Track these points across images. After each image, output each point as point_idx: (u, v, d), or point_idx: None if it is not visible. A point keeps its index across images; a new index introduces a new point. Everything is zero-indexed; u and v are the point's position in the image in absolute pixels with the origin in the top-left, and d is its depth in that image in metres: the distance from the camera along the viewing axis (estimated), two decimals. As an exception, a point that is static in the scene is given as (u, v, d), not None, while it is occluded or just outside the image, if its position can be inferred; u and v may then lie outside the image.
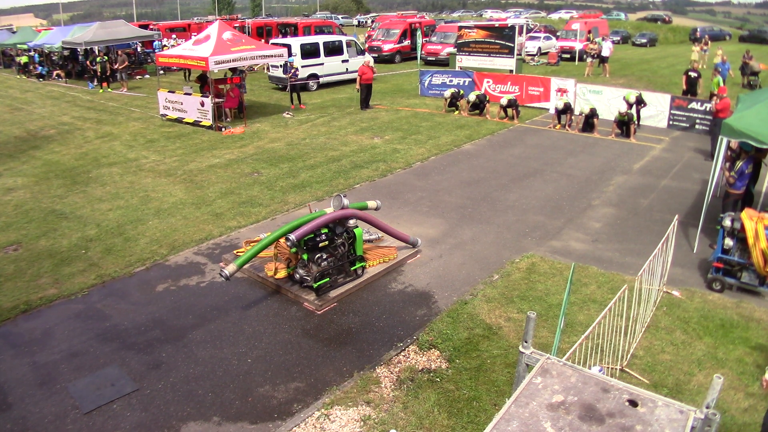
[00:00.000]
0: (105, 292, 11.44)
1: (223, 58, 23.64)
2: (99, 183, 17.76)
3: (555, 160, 18.69)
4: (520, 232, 13.50)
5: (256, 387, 8.56)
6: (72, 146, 22.77)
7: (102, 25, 40.60)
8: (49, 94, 37.48)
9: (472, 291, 10.92)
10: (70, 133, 25.21)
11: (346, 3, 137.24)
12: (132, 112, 28.87)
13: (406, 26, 45.33)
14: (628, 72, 36.95)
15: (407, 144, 20.21)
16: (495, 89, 27.60)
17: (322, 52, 32.96)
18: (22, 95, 37.07)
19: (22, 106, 32.75)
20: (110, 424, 7.96)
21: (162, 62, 28.43)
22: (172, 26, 57.81)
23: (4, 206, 16.20)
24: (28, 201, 16.51)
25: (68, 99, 34.78)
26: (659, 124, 23.17)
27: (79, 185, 17.64)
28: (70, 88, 39.60)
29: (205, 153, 20.57)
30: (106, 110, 30.32)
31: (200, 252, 12.97)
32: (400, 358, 9.10)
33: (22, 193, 17.32)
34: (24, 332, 10.20)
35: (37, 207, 15.95)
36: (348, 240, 11.15)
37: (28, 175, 19.16)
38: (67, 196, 16.67)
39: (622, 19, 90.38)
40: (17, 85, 42.89)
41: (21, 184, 18.26)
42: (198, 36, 26.99)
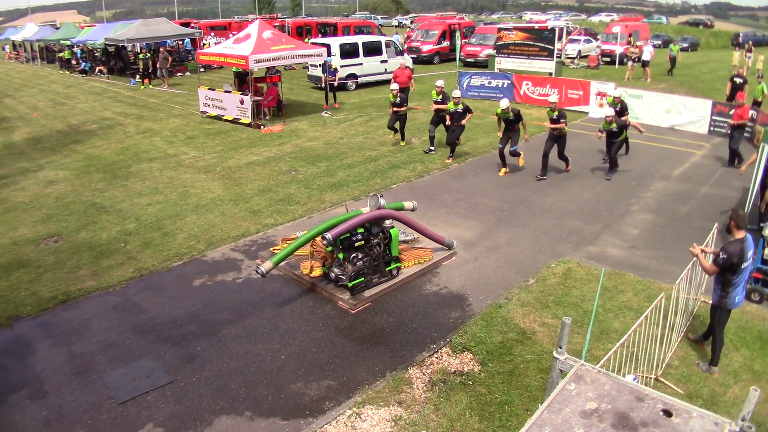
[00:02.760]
0: (142, 285, 11.58)
1: (263, 57, 23.79)
2: (139, 178, 18.00)
3: (594, 164, 18.54)
4: (557, 237, 13.39)
5: (289, 383, 8.59)
6: (113, 141, 23.11)
7: (144, 22, 41.09)
8: (92, 89, 38.07)
9: (507, 295, 10.85)
10: (112, 128, 25.60)
11: (386, 3, 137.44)
12: (172, 108, 29.20)
13: (446, 27, 45.25)
14: (669, 77, 36.50)
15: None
16: (534, 92, 27.45)
17: (361, 52, 33.02)
18: (65, 90, 37.66)
19: (65, 101, 33.27)
20: (144, 414, 8.06)
21: (203, 60, 28.71)
22: (213, 24, 58.36)
23: (45, 198, 16.49)
24: (69, 194, 16.78)
25: (110, 95, 35.29)
26: (700, 130, 22.85)
27: (119, 179, 17.89)
28: (112, 84, 40.20)
29: (243, 150, 20.73)
30: (147, 106, 30.72)
31: (237, 248, 13.06)
32: (432, 360, 9.07)
33: (63, 185, 17.61)
34: (62, 322, 10.37)
35: (78, 200, 16.21)
36: (384, 240, 11.13)
37: (70, 169, 19.49)
38: (108, 190, 16.92)
39: (663, 23, 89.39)
40: (60, 80, 43.60)
41: (62, 177, 18.58)
42: (238, 35, 27.21)
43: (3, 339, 9.95)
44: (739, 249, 8.14)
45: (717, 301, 8.53)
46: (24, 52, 64.52)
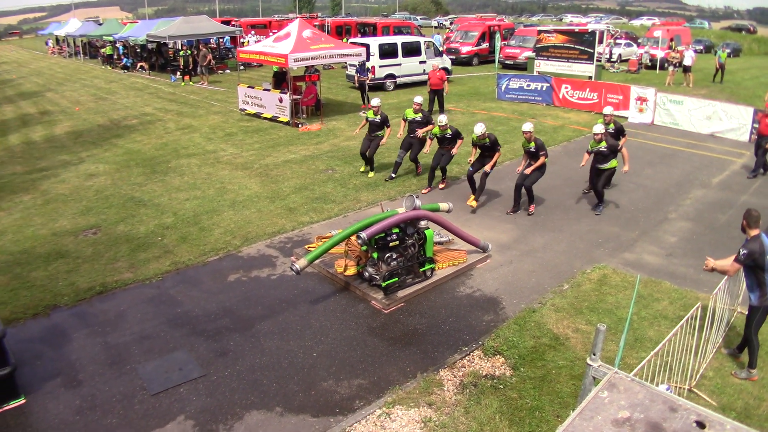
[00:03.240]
0: (178, 278, 11.71)
1: (302, 56, 23.90)
2: (177, 173, 18.20)
3: (632, 170, 18.23)
4: (593, 242, 13.26)
5: (320, 381, 8.62)
6: (153, 136, 23.40)
7: (185, 20, 41.52)
8: (133, 85, 38.58)
9: (541, 299, 10.77)
10: (152, 123, 25.92)
11: (426, 4, 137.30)
12: (212, 105, 29.46)
13: (485, 29, 45.12)
14: (711, 82, 36.01)
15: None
16: (573, 95, 27.25)
17: (399, 53, 33.02)
18: (106, 85, 38.18)
19: (107, 96, 33.73)
20: (176, 407, 8.15)
21: (243, 58, 28.94)
22: (254, 23, 58.74)
23: (85, 191, 16.75)
24: (109, 187, 17.02)
25: (151, 91, 35.72)
26: (741, 138, 22.48)
27: (158, 174, 18.11)
28: (153, 80, 40.68)
29: (281, 148, 20.85)
30: (187, 103, 31.04)
31: (272, 245, 13.14)
32: (464, 363, 9.03)
33: (103, 179, 17.87)
34: (98, 313, 10.52)
35: (117, 193, 16.44)
36: (418, 241, 11.11)
37: (110, 163, 19.76)
38: (146, 185, 17.13)
39: (705, 27, 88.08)
40: (102, 76, 44.23)
41: (102, 170, 18.85)
42: (278, 33, 27.37)
43: (40, 327, 10.13)
44: (758, 245, 8.10)
45: (757, 301, 8.39)
46: (67, 47, 65.67)
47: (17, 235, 13.93)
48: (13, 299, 10.97)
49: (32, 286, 11.48)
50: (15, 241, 13.61)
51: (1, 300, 10.79)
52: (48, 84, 41.97)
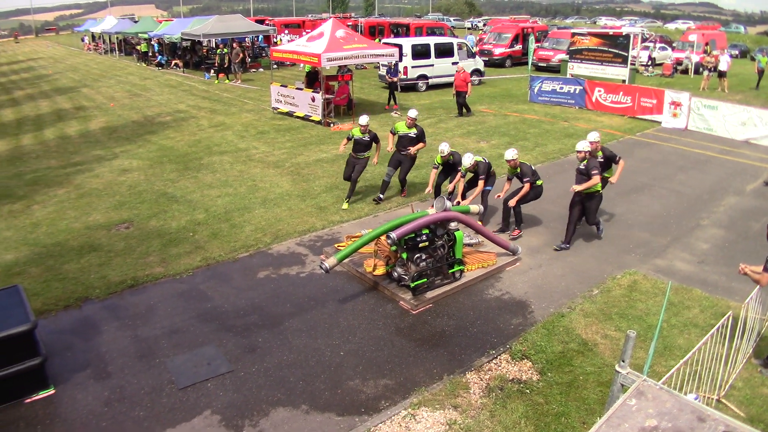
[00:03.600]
0: (209, 274, 11.81)
1: (335, 56, 23.99)
2: (210, 170, 18.34)
3: (665, 175, 18.14)
4: (624, 248, 13.13)
5: (346, 380, 8.63)
6: (186, 133, 23.60)
7: (220, 18, 41.83)
8: (167, 82, 38.93)
9: (570, 304, 10.68)
10: (185, 120, 26.15)
11: (459, 5, 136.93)
12: (245, 104, 29.64)
13: (518, 31, 44.94)
14: (746, 88, 35.54)
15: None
16: (606, 99, 27.04)
17: (432, 54, 33.00)
18: (141, 82, 38.57)
19: (141, 93, 34.07)
20: (203, 401, 8.22)
21: (276, 57, 29.09)
22: (287, 22, 59.01)
23: (119, 186, 16.95)
24: (142, 183, 17.21)
25: (185, 88, 36.02)
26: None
27: (190, 171, 18.27)
28: (187, 77, 41.04)
29: (313, 147, 20.92)
30: (220, 101, 31.27)
31: (302, 243, 13.20)
32: (491, 366, 8.99)
33: (136, 174, 18.07)
34: (129, 306, 10.65)
35: (150, 189, 16.61)
36: (448, 242, 11.08)
37: (143, 158, 19.98)
38: (179, 181, 17.29)
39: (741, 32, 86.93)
40: (137, 72, 44.69)
41: (136, 166, 19.06)
42: (312, 33, 27.48)
43: (71, 319, 10.27)
44: None
45: None
46: (102, 43, 66.47)
47: (51, 227, 14.14)
48: (46, 291, 11.13)
49: (64, 279, 11.65)
50: (49, 233, 13.81)
51: (33, 291, 10.93)
52: (83, 80, 42.49)
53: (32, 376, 8.27)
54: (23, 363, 8.08)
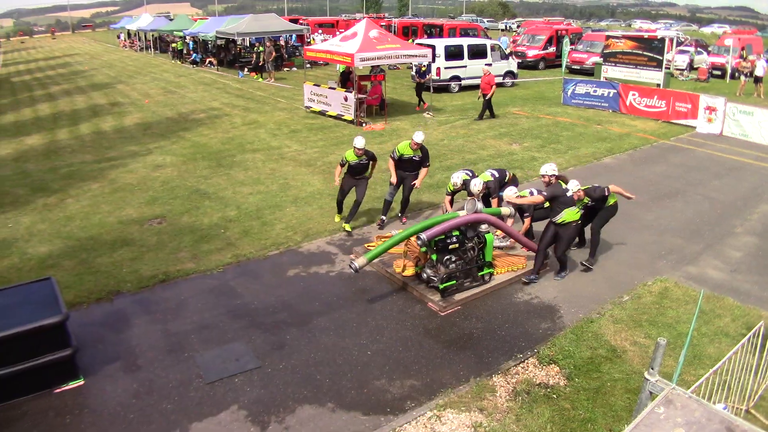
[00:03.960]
0: (239, 271, 11.89)
1: (369, 56, 24.00)
2: (242, 167, 18.45)
3: (698, 181, 17.91)
4: (655, 254, 12.97)
5: (373, 379, 8.64)
6: (219, 131, 23.77)
7: (254, 17, 42.07)
8: (201, 80, 39.22)
9: (600, 310, 10.58)
10: (219, 118, 26.34)
11: (493, 7, 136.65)
12: (278, 102, 29.77)
13: (552, 33, 44.61)
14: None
15: (546, 153, 19.87)
16: (640, 103, 26.78)
17: (465, 55, 32.90)
18: (176, 79, 38.90)
19: (176, 90, 34.36)
20: (230, 396, 8.29)
21: (309, 56, 29.20)
22: (321, 22, 59.18)
23: (152, 181, 17.12)
24: (175, 179, 17.37)
25: (219, 86, 36.27)
26: (815, 153, 21.84)
27: (223, 168, 18.40)
28: (221, 75, 41.31)
29: (345, 146, 20.89)
30: (253, 99, 31.45)
31: (332, 242, 13.23)
32: (518, 370, 8.94)
33: (169, 170, 18.24)
34: (160, 300, 10.77)
35: (183, 185, 16.76)
36: (478, 244, 11.01)
37: (177, 155, 20.16)
38: (211, 178, 17.42)
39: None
40: (172, 70, 45.08)
41: (169, 162, 19.25)
42: (345, 32, 27.57)
43: (103, 312, 10.40)
44: None
45: None
46: (138, 41, 67.14)
47: (85, 221, 14.32)
48: (78, 284, 11.28)
49: (97, 272, 11.79)
50: (82, 227, 13.99)
51: (66, 284, 11.06)
52: (119, 76, 42.96)
53: (63, 367, 8.39)
54: (54, 354, 8.22)
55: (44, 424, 7.84)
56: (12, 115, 29.65)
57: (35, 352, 8.13)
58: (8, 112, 30.49)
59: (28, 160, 20.49)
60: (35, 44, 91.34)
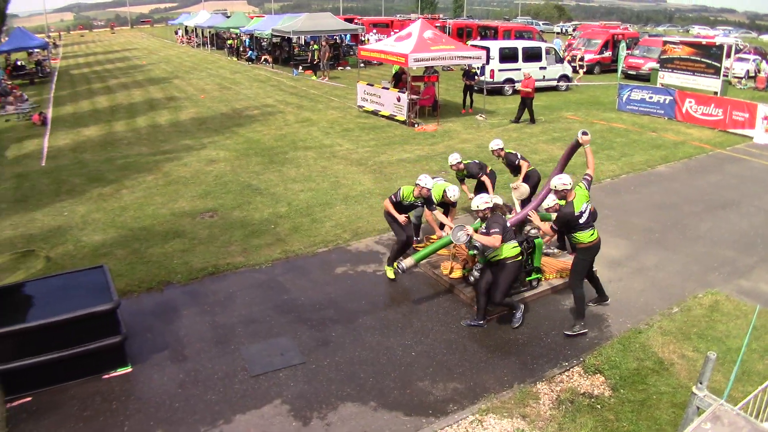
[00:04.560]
0: (287, 266, 11.99)
1: (422, 56, 23.97)
2: (294, 164, 18.61)
3: (754, 193, 17.48)
4: (708, 266, 12.66)
5: (416, 380, 8.63)
6: (272, 127, 23.99)
7: (310, 16, 42.37)
8: (256, 77, 39.61)
9: (648, 321, 10.36)
10: (272, 115, 26.60)
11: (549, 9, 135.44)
12: (331, 101, 29.91)
13: (609, 37, 43.98)
14: None
15: (599, 159, 19.59)
16: (696, 110, 26.28)
17: (520, 58, 32.65)
18: (231, 76, 39.33)
19: (231, 86, 34.76)
20: (274, 390, 8.38)
21: (364, 56, 29.31)
22: (376, 22, 59.38)
23: (205, 176, 17.37)
24: (228, 173, 17.59)
25: (273, 83, 36.60)
26: None
27: (275, 164, 18.57)
28: (275, 73, 41.65)
29: (396, 147, 20.97)
30: (307, 97, 31.67)
31: (381, 242, 13.26)
32: (563, 378, 8.84)
33: (222, 165, 18.48)
34: (209, 293, 10.94)
35: (235, 180, 16.97)
36: (527, 249, 10.88)
37: (230, 150, 20.41)
38: (263, 173, 17.60)
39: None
40: (228, 66, 45.60)
41: (222, 157, 19.50)
42: (400, 33, 27.58)
43: (153, 302, 10.60)
44: None
45: None
46: (195, 37, 68.08)
47: (138, 212, 14.60)
48: (130, 273, 11.51)
49: (148, 262, 12.03)
50: (136, 218, 14.27)
51: (118, 272, 11.30)
52: (176, 71, 43.62)
53: (112, 354, 8.59)
54: (104, 340, 8.43)
55: (91, 409, 8.04)
56: (71, 107, 30.36)
57: (86, 338, 8.34)
58: (67, 104, 31.22)
59: (85, 151, 20.97)
60: (94, 38, 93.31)
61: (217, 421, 7.78)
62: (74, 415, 7.93)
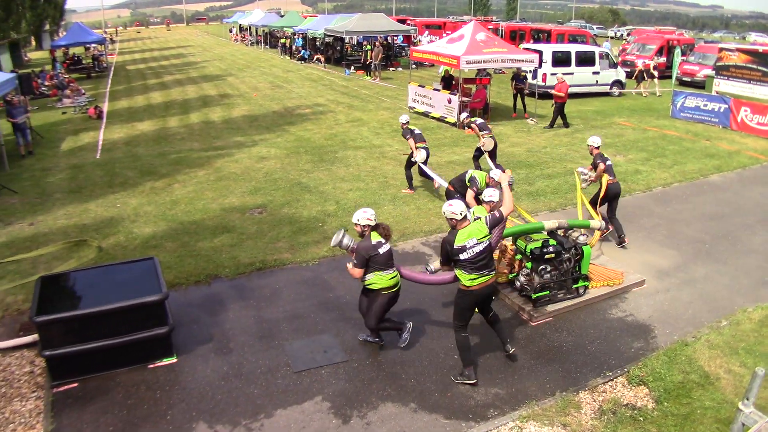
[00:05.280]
0: (334, 264, 12.07)
1: (474, 59, 23.92)
2: (343, 164, 18.72)
3: (812, 204, 17.10)
4: (760, 280, 12.31)
5: (457, 384, 8.62)
6: (323, 126, 24.15)
7: (363, 16, 42.59)
8: (308, 76, 39.88)
9: (696, 333, 10.13)
10: (323, 114, 26.77)
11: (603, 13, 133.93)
12: (382, 101, 29.97)
13: (663, 42, 43.24)
14: None
15: (650, 166, 19.34)
16: (752, 120, 25.74)
17: (573, 62, 32.33)
18: (283, 74, 39.69)
19: (283, 85, 35.07)
20: (315, 387, 8.45)
21: (416, 57, 29.35)
22: (428, 23, 59.22)
23: (256, 172, 17.59)
24: (278, 171, 17.78)
25: (325, 82, 36.82)
26: None
27: (324, 163, 18.70)
28: (327, 72, 41.89)
29: (446, 149, 20.94)
30: (358, 97, 31.80)
31: (427, 243, 13.25)
32: (606, 388, 8.72)
33: (273, 162, 18.69)
34: (255, 288, 11.09)
35: (285, 177, 17.15)
36: (575, 256, 10.77)
37: (281, 148, 20.62)
38: (313, 172, 17.74)
39: None
40: (280, 65, 46.01)
41: (273, 154, 19.71)
42: (452, 35, 27.55)
43: (201, 295, 10.78)
44: None
45: None
46: (249, 35, 68.82)
47: (189, 206, 14.85)
48: (179, 265, 11.72)
49: (197, 255, 12.24)
50: (186, 211, 14.52)
51: (167, 264, 11.52)
52: (229, 69, 44.17)
53: (158, 344, 8.77)
54: (152, 330, 8.61)
55: (135, 397, 8.22)
56: (126, 102, 30.97)
57: (135, 327, 8.52)
58: (122, 99, 31.85)
59: (138, 145, 21.38)
60: (150, 35, 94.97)
61: (259, 415, 7.88)
62: (119, 403, 8.11)
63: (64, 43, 44.80)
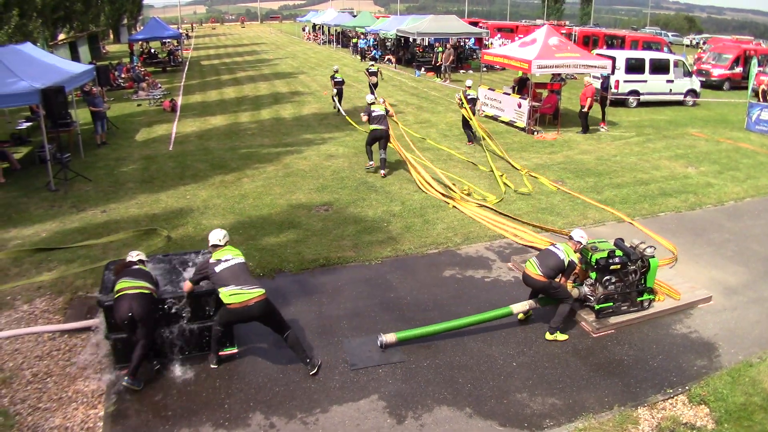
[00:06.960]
0: (396, 265, 12.13)
1: (546, 63, 23.69)
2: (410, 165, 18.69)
3: None
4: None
5: (514, 391, 8.56)
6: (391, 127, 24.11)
7: (435, 18, 42.55)
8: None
9: (761, 354, 9.78)
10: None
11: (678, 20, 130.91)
12: (451, 104, 29.86)
13: (740, 52, 42.00)
14: None
15: (723, 179, 18.85)
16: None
17: (647, 69, 31.71)
18: (354, 74, 39.86)
19: (353, 84, 35.23)
20: (372, 385, 8.52)
21: (487, 60, 29.21)
22: (500, 26, 58.96)
23: (323, 170, 17.78)
24: (345, 169, 17.94)
25: (395, 83, 36.90)
26: None
27: (391, 163, 18.69)
28: (398, 73, 41.99)
29: (513, 153, 20.75)
30: (427, 98, 31.82)
31: (491, 248, 13.18)
32: (665, 405, 8.53)
33: (341, 161, 18.86)
34: (318, 284, 11.23)
35: (352, 176, 17.30)
36: (641, 268, 10.54)
37: (349, 146, 20.80)
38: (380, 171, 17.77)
39: None
40: (351, 64, 46.25)
41: (341, 153, 19.89)
42: (524, 38, 27.32)
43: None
44: None
45: None
46: (321, 34, 69.43)
47: (257, 201, 15.12)
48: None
49: (263, 249, 12.46)
50: (254, 206, 14.79)
51: (233, 257, 11.71)
52: (301, 67, 44.67)
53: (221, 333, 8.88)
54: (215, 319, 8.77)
55: (195, 384, 8.47)
56: (199, 96, 31.60)
57: (201, 315, 8.79)
58: (196, 93, 32.51)
59: (210, 139, 21.81)
60: (225, 31, 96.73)
61: (314, 409, 7.99)
62: (178, 388, 8.36)
63: (141, 37, 45.96)
